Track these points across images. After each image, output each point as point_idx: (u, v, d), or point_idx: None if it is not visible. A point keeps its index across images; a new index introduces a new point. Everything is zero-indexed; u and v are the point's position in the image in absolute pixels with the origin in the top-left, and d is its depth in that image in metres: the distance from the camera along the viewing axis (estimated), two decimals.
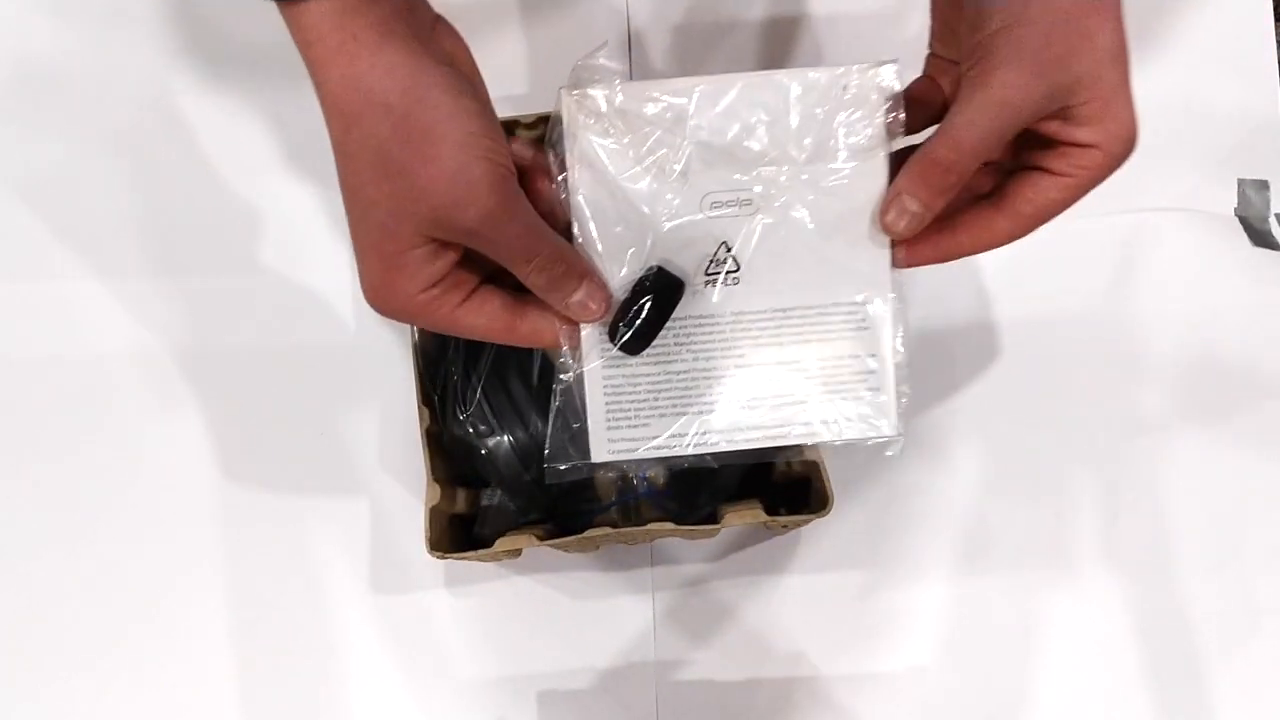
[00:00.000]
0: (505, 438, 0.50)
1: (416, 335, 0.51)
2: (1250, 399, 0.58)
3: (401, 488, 0.57)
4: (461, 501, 0.53)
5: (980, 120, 0.35)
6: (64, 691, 0.55)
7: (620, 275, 0.39)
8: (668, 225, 0.39)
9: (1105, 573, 0.56)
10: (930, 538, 0.56)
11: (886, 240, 0.39)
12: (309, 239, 0.59)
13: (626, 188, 0.38)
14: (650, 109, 0.38)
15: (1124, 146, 0.36)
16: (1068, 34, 0.34)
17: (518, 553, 0.53)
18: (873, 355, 0.40)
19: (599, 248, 0.39)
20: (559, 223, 0.38)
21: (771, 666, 0.55)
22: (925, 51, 0.40)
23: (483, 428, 0.50)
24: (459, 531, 0.53)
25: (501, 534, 0.49)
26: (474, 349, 0.52)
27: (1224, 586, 0.56)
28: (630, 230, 0.39)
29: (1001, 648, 0.55)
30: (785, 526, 0.54)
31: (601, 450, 0.40)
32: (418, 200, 0.34)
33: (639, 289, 0.39)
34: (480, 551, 0.48)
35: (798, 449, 0.51)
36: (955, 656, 0.55)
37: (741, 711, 0.55)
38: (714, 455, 0.48)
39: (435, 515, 0.49)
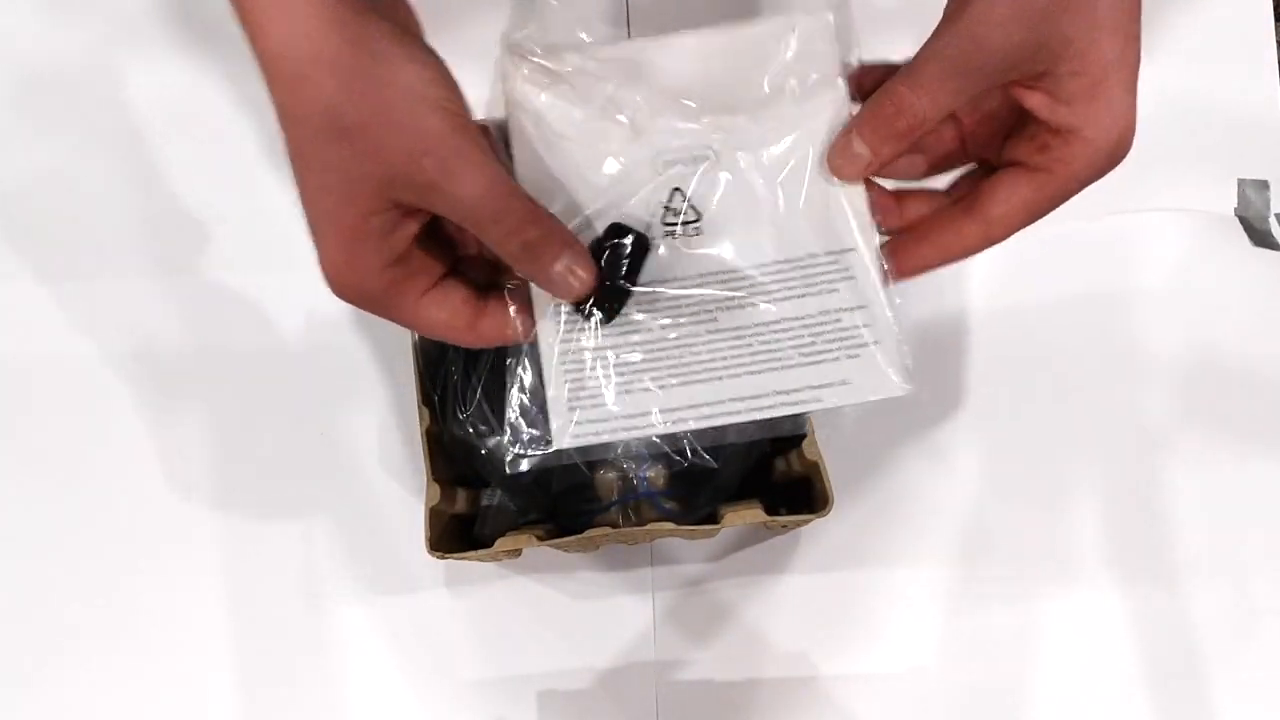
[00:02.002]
0: (505, 438, 0.50)
1: (416, 335, 0.51)
2: (1250, 399, 0.58)
3: (401, 488, 0.57)
4: (461, 501, 0.53)
5: (947, 53, 0.32)
6: (63, 691, 0.55)
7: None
8: (618, 185, 0.36)
9: (1105, 572, 0.56)
10: (930, 538, 0.56)
11: (860, 188, 0.35)
12: (309, 238, 0.59)
13: (571, 149, 0.36)
14: (593, 66, 0.35)
15: (1114, 138, 0.32)
16: None
17: (518, 553, 0.53)
18: (862, 307, 0.35)
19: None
20: None
21: (771, 666, 0.55)
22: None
23: (483, 428, 0.50)
24: (459, 531, 0.53)
25: (501, 534, 0.49)
26: (474, 349, 0.51)
27: (1224, 587, 0.56)
28: (578, 192, 0.36)
29: (1001, 648, 0.55)
30: (785, 526, 0.54)
31: (564, 436, 0.36)
32: (374, 157, 0.31)
33: (599, 249, 0.35)
34: (480, 551, 0.48)
35: (796, 441, 0.51)
36: (955, 656, 0.55)
37: (741, 711, 0.55)
38: (710, 450, 0.46)
39: (435, 515, 0.49)
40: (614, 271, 0.35)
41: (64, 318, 0.59)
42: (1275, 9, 0.63)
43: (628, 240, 0.35)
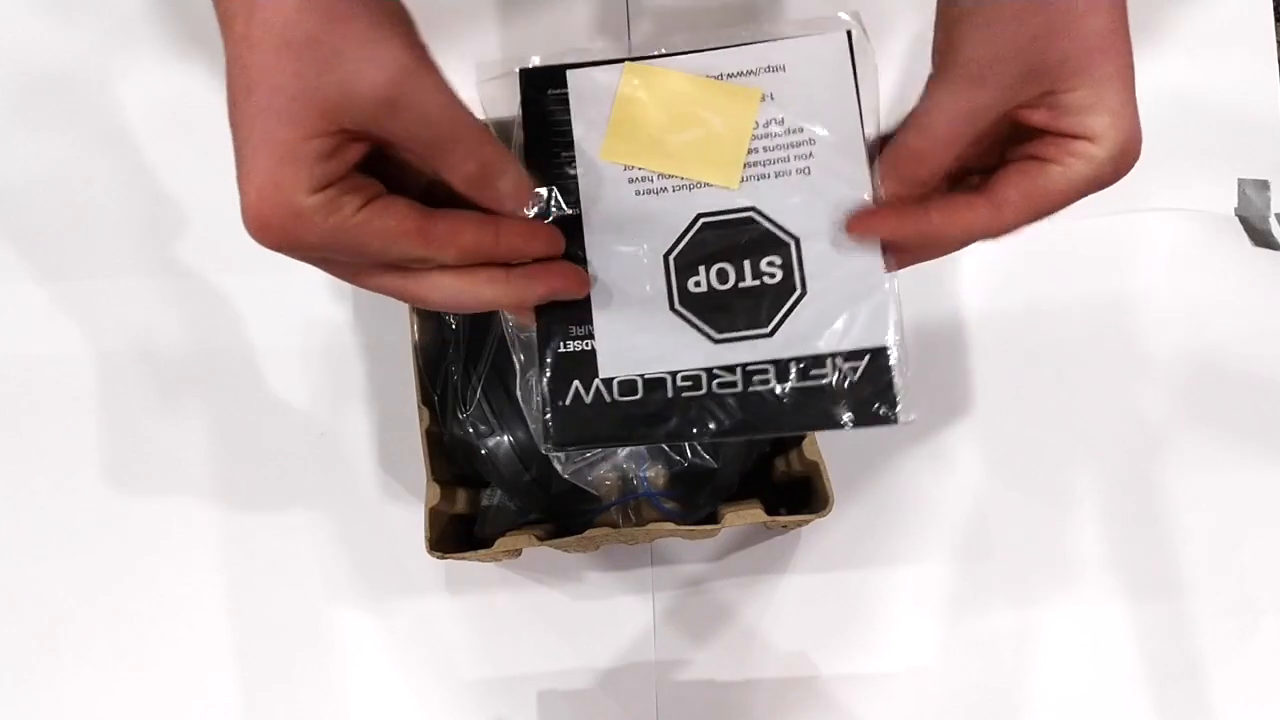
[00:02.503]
0: (505, 438, 0.50)
1: (417, 335, 0.51)
2: (1250, 399, 0.58)
3: (401, 488, 0.57)
4: (461, 501, 0.53)
5: (950, 103, 0.32)
6: (63, 691, 0.55)
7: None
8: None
9: (1105, 572, 0.56)
10: (930, 538, 0.56)
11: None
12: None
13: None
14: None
15: (1123, 143, 0.33)
16: (1048, 11, 0.31)
17: (518, 553, 0.53)
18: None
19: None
20: None
21: (771, 666, 0.55)
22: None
23: (483, 428, 0.50)
24: (459, 531, 0.53)
25: (501, 534, 0.49)
26: (474, 349, 0.52)
27: (1224, 587, 0.56)
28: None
29: (1001, 647, 0.55)
30: (785, 526, 0.54)
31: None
32: (325, 69, 0.30)
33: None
34: (480, 551, 0.48)
35: (796, 441, 0.51)
36: (955, 656, 0.55)
37: (741, 711, 0.55)
38: (710, 450, 0.46)
39: (435, 515, 0.49)
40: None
41: (64, 318, 0.59)
42: (1275, 9, 0.63)
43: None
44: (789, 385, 0.35)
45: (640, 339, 0.35)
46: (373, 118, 0.31)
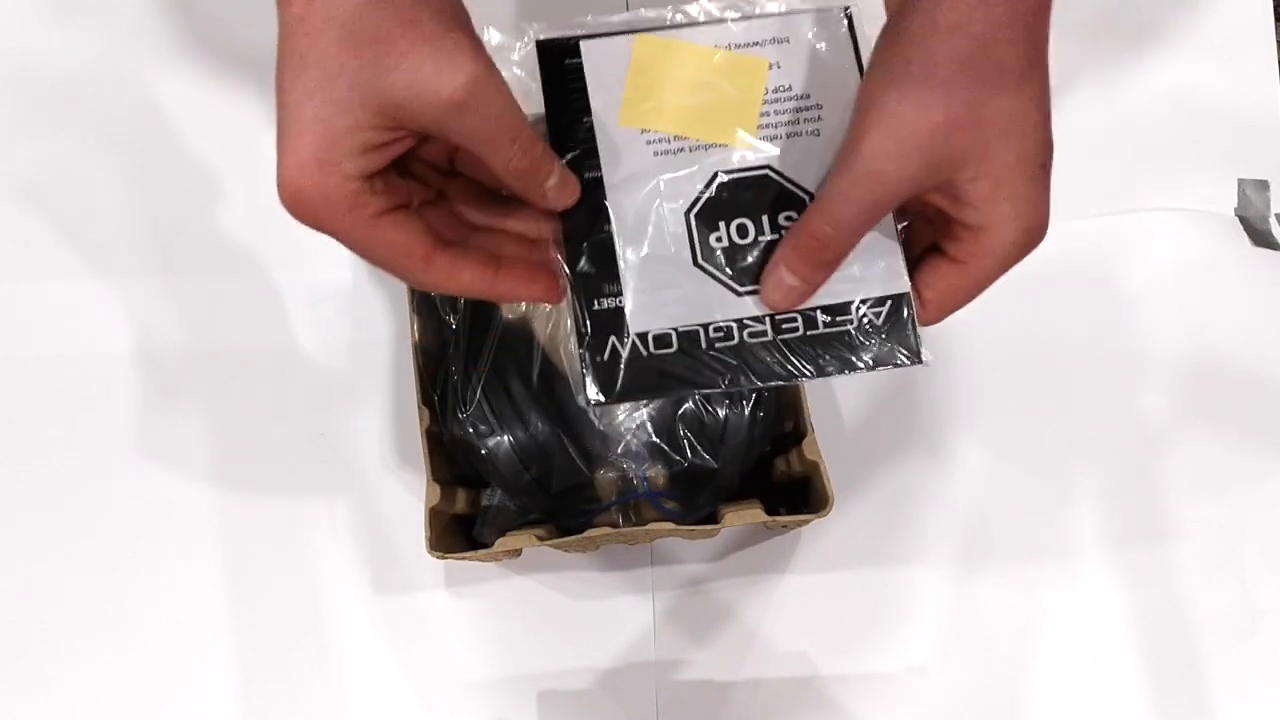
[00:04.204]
0: (505, 438, 0.50)
1: (416, 335, 0.52)
2: (1250, 399, 0.58)
3: (401, 488, 0.57)
4: (461, 501, 0.53)
5: (853, 194, 0.33)
6: (64, 691, 0.55)
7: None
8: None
9: (1105, 573, 0.56)
10: (930, 538, 0.56)
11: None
12: (309, 238, 0.59)
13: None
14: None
15: (1020, 234, 0.33)
16: (950, 104, 0.32)
17: (518, 553, 0.53)
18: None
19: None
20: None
21: (771, 666, 0.55)
22: None
23: (483, 428, 0.50)
24: (459, 531, 0.53)
25: (501, 534, 0.49)
26: (474, 349, 0.52)
27: (1224, 586, 0.56)
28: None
29: (1001, 647, 0.55)
30: (785, 526, 0.54)
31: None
32: (395, 69, 0.31)
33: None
34: (480, 551, 0.48)
35: (796, 441, 0.51)
36: (955, 656, 0.55)
37: (741, 711, 0.55)
38: (710, 450, 0.46)
39: (435, 515, 0.49)
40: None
41: (64, 318, 0.59)
42: (1275, 9, 0.63)
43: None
44: (817, 332, 0.36)
45: (668, 294, 0.36)
46: (437, 119, 0.32)
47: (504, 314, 0.52)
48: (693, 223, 0.37)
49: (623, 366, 0.36)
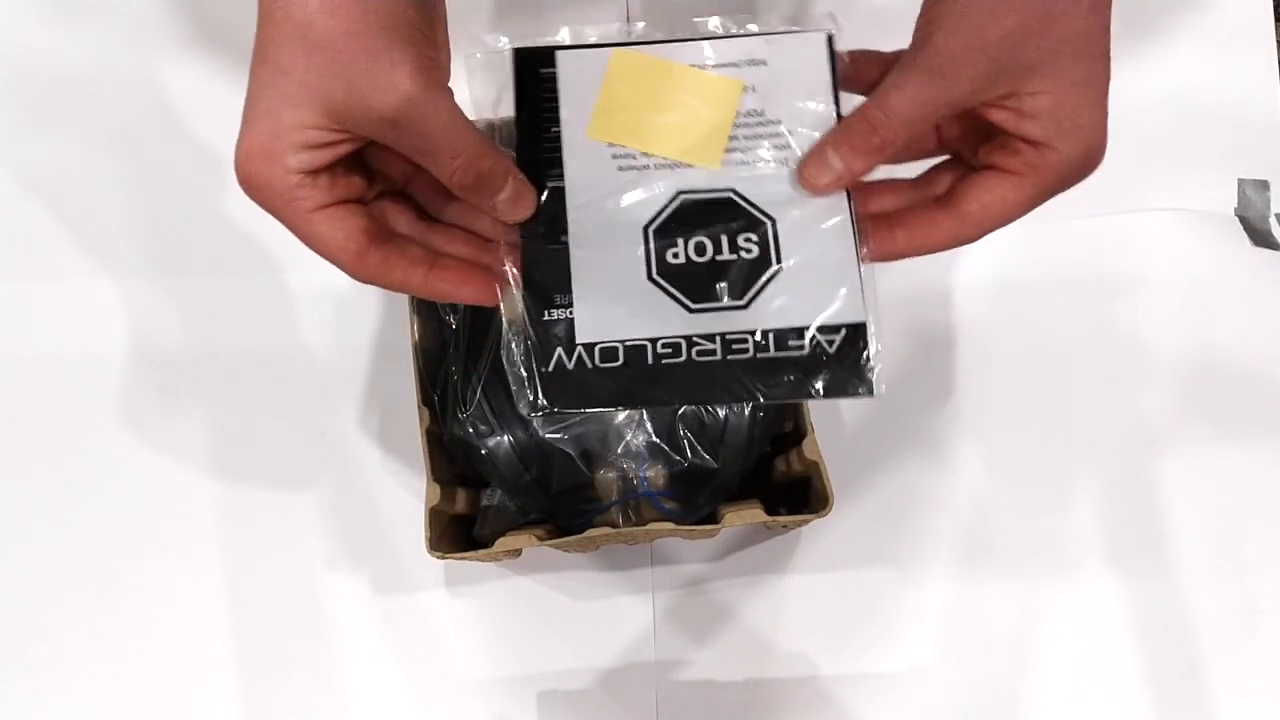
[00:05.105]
0: (505, 438, 0.50)
1: (416, 335, 0.51)
2: (1250, 399, 0.58)
3: (401, 488, 0.57)
4: (461, 501, 0.53)
5: (909, 86, 0.33)
6: (63, 691, 0.55)
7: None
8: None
9: (1105, 572, 0.56)
10: (930, 537, 0.56)
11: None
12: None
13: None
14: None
15: (1082, 151, 0.33)
16: (1023, 13, 0.31)
17: (518, 553, 0.53)
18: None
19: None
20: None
21: (771, 666, 0.55)
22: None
23: (483, 428, 0.50)
24: (459, 531, 0.53)
25: (501, 534, 0.49)
26: (474, 349, 0.52)
27: (1224, 586, 0.56)
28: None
29: (1001, 648, 0.55)
30: (785, 526, 0.54)
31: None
32: (336, 76, 0.32)
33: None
34: (480, 551, 0.48)
35: (796, 441, 0.51)
36: (955, 656, 0.55)
37: (741, 711, 0.55)
38: (710, 450, 0.46)
39: (435, 515, 0.49)
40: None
41: (64, 318, 0.59)
42: (1275, 9, 0.63)
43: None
44: (766, 355, 0.36)
45: (619, 308, 0.36)
46: (374, 130, 0.33)
47: (504, 314, 0.52)
48: (650, 238, 0.37)
49: (566, 377, 0.36)
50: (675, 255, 0.36)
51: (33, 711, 0.55)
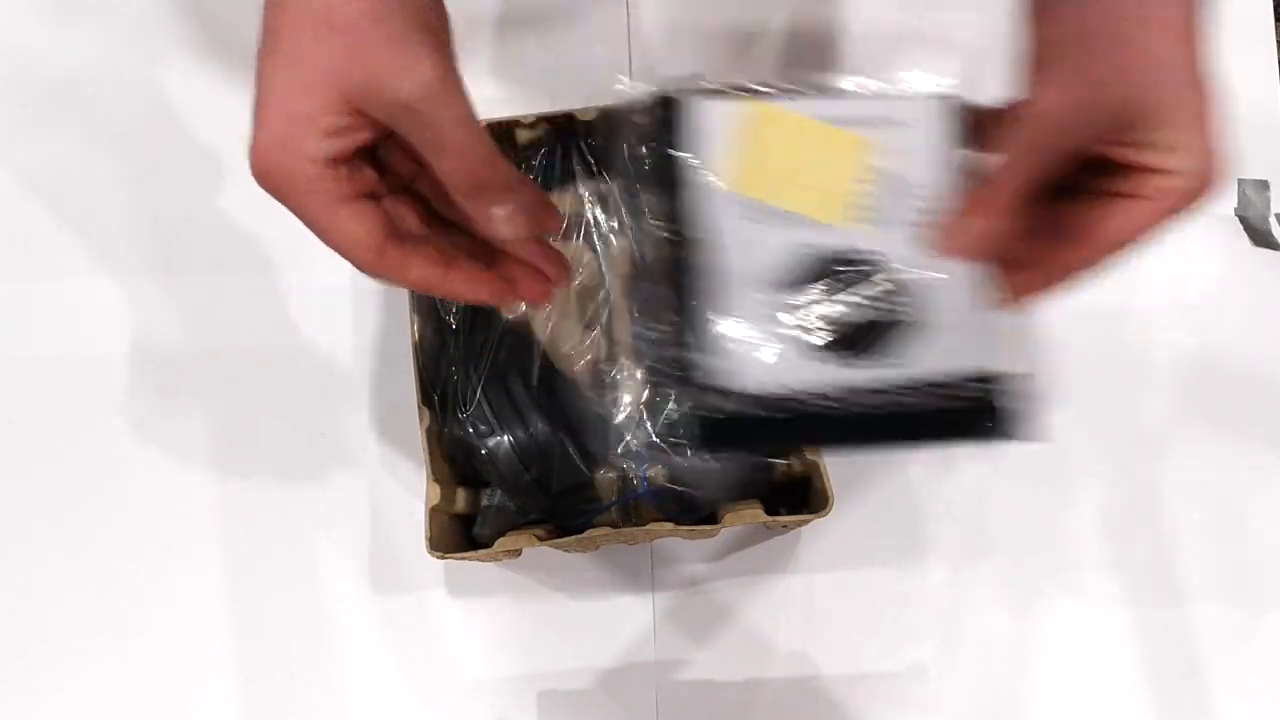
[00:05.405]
0: (505, 438, 0.50)
1: (417, 335, 0.51)
2: (1250, 399, 0.58)
3: (401, 488, 0.57)
4: (461, 501, 0.53)
5: (1026, 141, 0.34)
6: (63, 691, 0.55)
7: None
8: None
9: (1105, 572, 0.56)
10: (930, 537, 0.56)
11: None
12: (309, 238, 0.59)
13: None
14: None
15: (1207, 175, 0.33)
16: (1125, 51, 0.32)
17: (518, 553, 0.53)
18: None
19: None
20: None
21: (771, 666, 0.55)
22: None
23: (483, 428, 0.50)
24: (459, 531, 0.53)
25: (501, 534, 0.49)
26: (474, 349, 0.52)
27: (1224, 586, 0.56)
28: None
29: (1002, 648, 0.55)
30: (785, 526, 0.54)
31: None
32: (357, 59, 0.31)
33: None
34: (480, 551, 0.48)
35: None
36: (955, 656, 0.55)
37: (741, 711, 0.55)
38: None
39: (435, 515, 0.49)
40: None
41: (64, 318, 0.59)
42: (1275, 9, 0.63)
43: None
44: (916, 405, 0.37)
45: (761, 356, 0.37)
46: (391, 116, 0.32)
47: (504, 314, 0.52)
48: (786, 294, 0.37)
49: (726, 420, 0.36)
50: (809, 311, 0.37)
51: (33, 711, 0.55)
